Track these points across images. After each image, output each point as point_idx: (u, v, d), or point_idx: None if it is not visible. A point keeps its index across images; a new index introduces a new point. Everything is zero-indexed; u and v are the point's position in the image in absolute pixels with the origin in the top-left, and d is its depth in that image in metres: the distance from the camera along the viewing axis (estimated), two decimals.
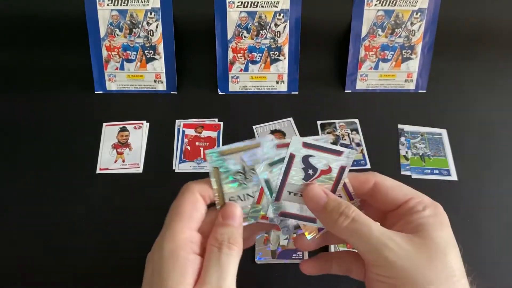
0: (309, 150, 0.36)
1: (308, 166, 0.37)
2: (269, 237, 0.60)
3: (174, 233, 0.34)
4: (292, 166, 0.37)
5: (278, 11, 0.75)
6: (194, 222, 0.35)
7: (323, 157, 0.37)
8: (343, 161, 0.37)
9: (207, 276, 0.32)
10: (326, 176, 0.38)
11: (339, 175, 0.38)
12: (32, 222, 0.63)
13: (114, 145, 0.72)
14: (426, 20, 0.77)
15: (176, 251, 0.33)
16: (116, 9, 0.75)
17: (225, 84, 0.79)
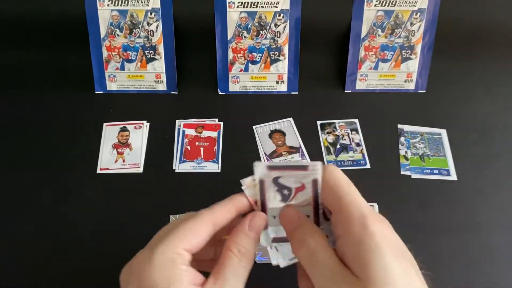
0: (275, 172, 0.36)
1: (281, 187, 0.37)
2: None
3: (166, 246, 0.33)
4: (266, 191, 0.37)
5: (278, 11, 0.75)
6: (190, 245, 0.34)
7: (291, 175, 0.36)
8: (312, 174, 0.36)
9: (226, 283, 0.33)
10: (302, 193, 0.37)
11: (314, 189, 0.37)
12: (32, 222, 0.63)
13: (115, 145, 0.72)
14: (426, 20, 0.77)
15: (170, 261, 0.32)
16: (116, 9, 0.76)
17: (225, 84, 0.79)
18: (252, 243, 0.35)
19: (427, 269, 0.34)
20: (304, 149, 0.72)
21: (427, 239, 0.62)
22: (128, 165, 0.70)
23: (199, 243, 0.34)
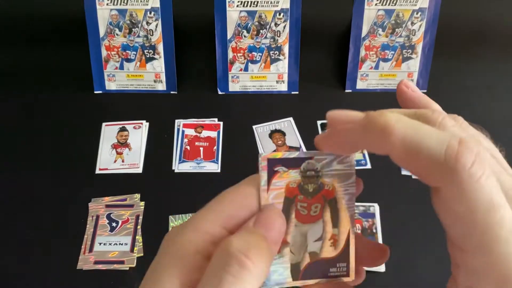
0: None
1: None
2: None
3: (193, 223, 0.25)
4: None
5: (278, 11, 0.75)
6: (228, 218, 0.25)
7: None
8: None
9: None
10: None
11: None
12: (32, 222, 0.63)
13: (114, 145, 0.71)
14: (427, 19, 0.76)
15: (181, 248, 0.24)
16: (115, 9, 0.75)
17: (225, 84, 0.79)
18: (256, 238, 0.24)
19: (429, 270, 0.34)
20: (304, 149, 0.71)
21: (428, 239, 0.61)
22: (128, 165, 0.69)
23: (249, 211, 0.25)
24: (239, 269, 0.22)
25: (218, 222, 0.24)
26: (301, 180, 0.27)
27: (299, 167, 0.27)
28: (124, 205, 0.65)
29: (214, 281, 0.22)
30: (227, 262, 0.22)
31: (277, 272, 0.27)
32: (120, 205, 0.65)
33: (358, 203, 0.64)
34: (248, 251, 0.22)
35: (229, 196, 0.25)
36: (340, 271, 0.28)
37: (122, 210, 0.65)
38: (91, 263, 0.59)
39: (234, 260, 0.22)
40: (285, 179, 0.27)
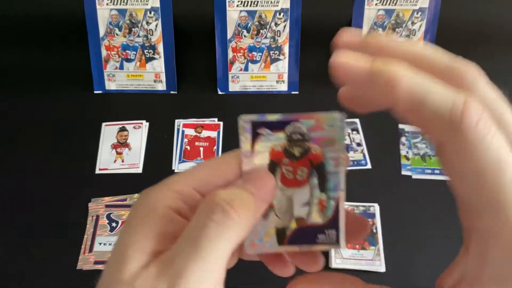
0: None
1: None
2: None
3: (165, 182, 0.25)
4: None
5: (278, 10, 0.75)
6: (202, 182, 0.25)
7: None
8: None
9: (173, 252, 0.22)
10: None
11: None
12: (31, 222, 0.63)
13: (114, 145, 0.71)
14: (427, 19, 0.76)
15: (151, 203, 0.24)
16: (115, 9, 0.75)
17: (225, 84, 0.79)
18: (243, 193, 0.24)
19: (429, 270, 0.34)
20: None
21: (428, 239, 0.61)
22: (127, 165, 0.69)
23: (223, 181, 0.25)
24: (223, 217, 0.22)
25: (190, 184, 0.25)
26: (287, 143, 0.26)
27: (284, 130, 0.26)
28: (124, 205, 0.65)
29: (198, 228, 0.22)
30: (211, 210, 0.22)
31: (261, 237, 0.27)
32: (120, 205, 0.65)
33: (358, 203, 0.64)
34: (233, 201, 0.23)
35: (208, 164, 0.26)
36: (329, 239, 0.27)
37: (122, 210, 0.64)
38: (91, 263, 0.59)
39: (219, 208, 0.22)
40: (269, 142, 0.26)
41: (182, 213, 0.24)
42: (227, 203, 0.22)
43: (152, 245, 0.23)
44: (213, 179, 0.25)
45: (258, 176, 0.25)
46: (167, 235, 0.23)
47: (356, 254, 0.60)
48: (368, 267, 0.59)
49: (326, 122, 0.27)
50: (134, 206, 0.25)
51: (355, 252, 0.60)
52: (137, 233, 0.23)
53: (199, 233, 0.22)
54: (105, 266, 0.24)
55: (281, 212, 0.27)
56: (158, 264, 0.22)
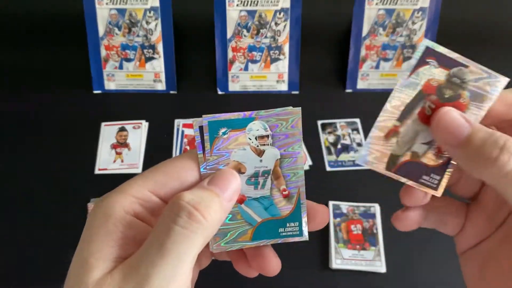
0: None
1: None
2: None
3: (120, 188, 0.25)
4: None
5: (278, 10, 0.75)
6: (158, 185, 0.25)
7: None
8: None
9: (138, 256, 0.22)
10: None
11: None
12: (31, 222, 0.63)
13: (113, 145, 0.71)
14: (428, 19, 0.76)
15: (108, 209, 0.24)
16: (115, 8, 0.75)
17: (225, 84, 0.79)
18: (207, 194, 0.24)
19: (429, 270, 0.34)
20: (304, 149, 0.71)
21: (428, 240, 0.61)
22: (127, 165, 0.69)
23: (180, 185, 0.25)
24: (189, 221, 0.22)
25: (146, 186, 0.25)
26: (444, 82, 0.27)
27: (449, 69, 0.27)
28: None
29: (163, 231, 0.22)
30: (177, 213, 0.22)
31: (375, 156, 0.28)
32: None
33: (358, 203, 0.64)
34: (199, 204, 0.22)
35: (163, 166, 0.26)
36: (431, 183, 0.28)
37: None
38: None
39: (184, 211, 0.22)
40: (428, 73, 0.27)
41: (140, 217, 0.24)
42: (193, 206, 0.22)
43: (114, 251, 0.23)
44: (170, 181, 0.25)
45: (223, 176, 0.25)
46: (127, 240, 0.23)
47: (356, 254, 0.59)
48: (369, 268, 0.59)
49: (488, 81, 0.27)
50: (91, 214, 0.24)
51: (356, 253, 0.60)
52: (97, 241, 0.23)
53: (164, 237, 0.21)
54: (67, 277, 0.24)
55: (403, 141, 0.28)
56: (123, 270, 0.22)
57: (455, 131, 0.25)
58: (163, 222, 0.22)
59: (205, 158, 0.26)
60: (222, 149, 0.27)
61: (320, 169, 0.69)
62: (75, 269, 0.23)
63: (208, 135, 0.27)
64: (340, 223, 0.62)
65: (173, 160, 0.26)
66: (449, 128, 0.25)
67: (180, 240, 0.21)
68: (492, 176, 0.24)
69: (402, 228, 0.32)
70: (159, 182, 0.25)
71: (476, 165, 0.25)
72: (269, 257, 0.28)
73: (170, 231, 0.21)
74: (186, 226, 0.22)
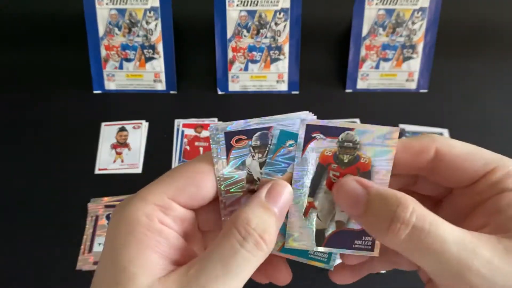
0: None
1: None
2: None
3: (140, 195, 0.25)
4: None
5: (278, 10, 0.75)
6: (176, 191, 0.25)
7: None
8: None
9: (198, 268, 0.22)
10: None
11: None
12: (30, 222, 0.63)
13: (113, 145, 0.71)
14: (428, 19, 0.76)
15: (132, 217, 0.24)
16: (115, 8, 0.75)
17: (225, 84, 0.79)
18: (270, 218, 0.25)
19: None
20: None
21: None
22: (127, 165, 0.69)
23: (198, 190, 0.26)
24: (254, 248, 0.23)
25: (166, 193, 0.25)
26: (338, 149, 0.27)
27: (337, 137, 0.27)
28: None
29: (227, 251, 0.23)
30: (245, 238, 0.23)
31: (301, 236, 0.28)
32: None
33: None
34: (264, 232, 0.24)
35: (180, 171, 0.26)
36: (365, 245, 0.28)
37: None
38: (90, 264, 0.59)
39: (252, 238, 0.23)
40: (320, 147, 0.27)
41: (165, 224, 0.25)
42: (259, 234, 0.24)
43: (155, 258, 0.23)
44: (187, 187, 0.25)
45: (279, 192, 0.26)
46: (163, 248, 0.24)
47: None
48: None
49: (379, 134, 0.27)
50: (114, 222, 0.25)
51: None
52: (132, 249, 0.23)
53: (230, 258, 0.23)
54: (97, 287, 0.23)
55: (323, 215, 0.28)
56: (179, 279, 0.22)
57: (353, 203, 0.26)
58: (228, 241, 0.23)
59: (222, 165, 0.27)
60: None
61: None
62: (111, 279, 0.23)
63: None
64: None
65: (189, 164, 0.26)
66: (347, 199, 0.26)
67: (244, 264, 0.23)
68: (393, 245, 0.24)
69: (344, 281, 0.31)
70: (177, 188, 0.25)
71: (376, 235, 0.25)
72: (280, 266, 0.29)
73: (236, 254, 0.23)
74: (252, 252, 0.23)
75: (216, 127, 0.27)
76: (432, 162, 0.27)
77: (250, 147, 0.27)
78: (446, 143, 0.27)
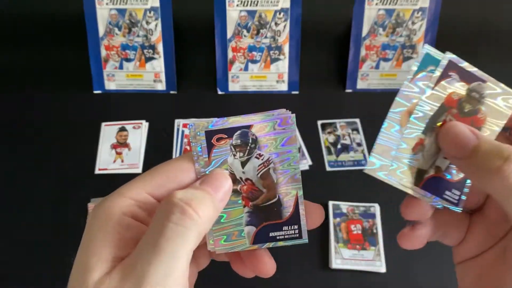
0: None
1: None
2: None
3: (119, 190, 0.25)
4: None
5: (278, 10, 0.75)
6: (156, 187, 0.25)
7: None
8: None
9: (134, 256, 0.22)
10: None
11: None
12: (31, 222, 0.63)
13: (113, 145, 0.71)
14: (427, 19, 0.76)
15: (107, 212, 0.24)
16: (115, 8, 0.75)
17: (225, 84, 0.79)
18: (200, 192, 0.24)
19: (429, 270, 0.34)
20: (304, 149, 0.71)
21: None
22: (127, 165, 0.69)
23: (178, 187, 0.25)
24: (181, 217, 0.22)
25: (144, 189, 0.25)
26: (464, 96, 0.28)
27: (469, 84, 0.28)
28: None
29: (156, 229, 0.22)
30: (169, 210, 0.22)
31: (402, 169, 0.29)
32: None
33: (358, 203, 0.64)
34: (191, 200, 0.23)
35: (161, 168, 0.26)
36: (453, 198, 0.28)
37: None
38: None
39: (177, 208, 0.22)
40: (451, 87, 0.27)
41: (139, 219, 0.25)
42: (185, 202, 0.22)
43: (112, 252, 0.23)
44: (167, 183, 0.25)
45: (215, 177, 0.26)
46: (126, 241, 0.23)
47: (356, 254, 0.60)
48: (369, 268, 0.59)
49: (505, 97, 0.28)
50: (90, 217, 0.25)
51: (356, 253, 0.60)
52: (97, 243, 0.23)
53: (158, 235, 0.22)
54: (70, 279, 0.23)
55: (429, 155, 0.28)
56: (121, 270, 0.22)
57: (461, 143, 0.25)
58: (156, 220, 0.22)
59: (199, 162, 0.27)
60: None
61: (320, 169, 0.69)
62: (76, 271, 0.23)
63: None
64: (340, 223, 0.62)
65: (170, 162, 0.27)
66: (455, 140, 0.26)
67: (174, 236, 0.21)
68: (495, 188, 0.24)
69: (410, 247, 0.32)
70: (156, 184, 0.25)
71: (480, 176, 0.25)
72: (263, 258, 0.28)
73: (163, 229, 0.22)
74: (179, 223, 0.22)
75: (196, 125, 0.27)
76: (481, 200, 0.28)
77: (231, 145, 0.27)
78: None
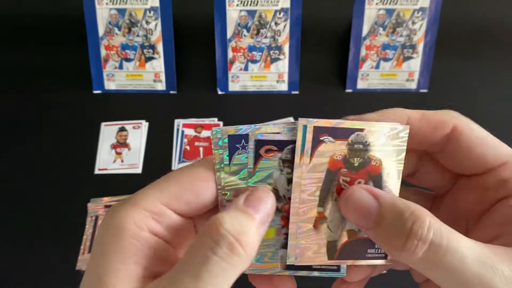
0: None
1: None
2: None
3: (133, 200, 0.23)
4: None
5: (278, 10, 0.75)
6: (172, 198, 0.23)
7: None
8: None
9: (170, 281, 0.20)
10: None
11: None
12: (30, 222, 0.63)
13: (113, 145, 0.71)
14: (428, 19, 0.76)
15: (120, 224, 0.22)
16: (115, 8, 0.75)
17: (225, 84, 0.79)
18: (247, 220, 0.22)
19: None
20: None
21: None
22: (127, 166, 0.69)
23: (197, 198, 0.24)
24: (229, 253, 0.20)
25: (160, 199, 0.23)
26: (347, 153, 0.25)
27: (347, 139, 0.25)
28: None
29: (199, 259, 0.20)
30: (216, 243, 0.20)
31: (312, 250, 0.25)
32: None
33: None
34: (239, 234, 0.21)
35: (177, 176, 0.24)
36: (379, 253, 0.26)
37: None
38: None
39: (224, 242, 0.20)
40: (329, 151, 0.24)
41: (155, 232, 0.23)
42: (234, 236, 0.20)
43: (131, 270, 0.21)
44: (185, 194, 0.23)
45: (259, 197, 0.23)
46: (144, 258, 0.22)
47: None
48: None
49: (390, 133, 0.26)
50: (102, 227, 0.23)
51: None
52: (111, 258, 0.22)
53: (200, 266, 0.20)
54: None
55: (334, 225, 0.26)
56: None
57: (363, 213, 0.24)
58: (198, 247, 0.21)
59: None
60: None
61: None
62: (88, 286, 0.22)
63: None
64: None
65: (188, 169, 0.24)
66: (356, 210, 0.24)
67: (218, 272, 0.20)
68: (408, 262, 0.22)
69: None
70: (173, 195, 0.23)
71: (389, 250, 0.23)
72: (284, 278, 0.27)
73: (207, 261, 0.20)
74: (226, 259, 0.20)
75: (223, 131, 0.24)
76: (447, 138, 0.25)
77: (279, 159, 0.25)
78: (465, 122, 0.26)
